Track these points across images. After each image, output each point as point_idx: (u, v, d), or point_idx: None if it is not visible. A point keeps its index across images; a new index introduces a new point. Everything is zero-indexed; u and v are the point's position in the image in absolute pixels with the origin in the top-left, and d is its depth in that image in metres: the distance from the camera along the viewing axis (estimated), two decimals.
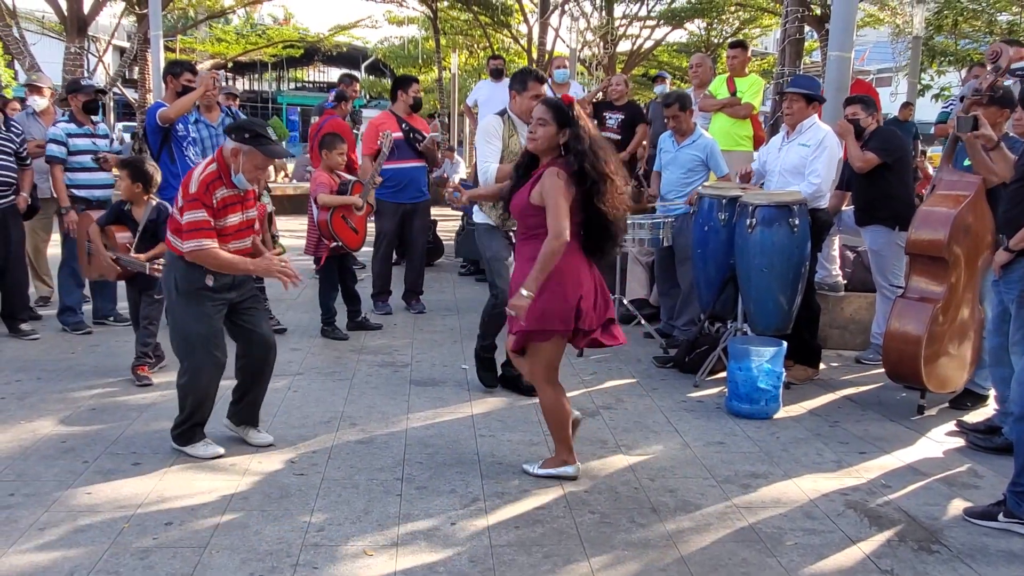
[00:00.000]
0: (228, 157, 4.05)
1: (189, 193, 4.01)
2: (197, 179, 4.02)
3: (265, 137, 4.07)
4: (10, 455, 4.21)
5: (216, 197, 4.02)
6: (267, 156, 4.09)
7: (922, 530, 3.65)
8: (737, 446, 4.58)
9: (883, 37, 24.14)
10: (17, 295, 6.52)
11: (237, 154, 4.03)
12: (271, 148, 4.09)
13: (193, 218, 3.98)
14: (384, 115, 7.55)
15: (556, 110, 3.93)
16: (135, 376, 5.43)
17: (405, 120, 7.34)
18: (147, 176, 5.44)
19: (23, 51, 15.85)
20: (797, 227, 5.21)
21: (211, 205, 4.00)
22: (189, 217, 3.98)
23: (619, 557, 3.36)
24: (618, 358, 6.24)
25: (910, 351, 4.92)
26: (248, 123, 4.21)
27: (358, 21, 26.98)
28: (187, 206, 4.00)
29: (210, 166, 4.07)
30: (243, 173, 4.05)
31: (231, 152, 4.04)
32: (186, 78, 6.52)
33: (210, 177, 4.03)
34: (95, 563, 3.21)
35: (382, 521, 3.60)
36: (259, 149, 4.03)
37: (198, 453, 4.23)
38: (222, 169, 4.05)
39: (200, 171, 4.06)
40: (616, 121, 8.97)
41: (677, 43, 27.92)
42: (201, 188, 3.99)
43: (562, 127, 3.90)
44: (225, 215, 4.08)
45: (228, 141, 4.07)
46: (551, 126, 3.91)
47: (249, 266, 4.15)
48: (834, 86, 6.50)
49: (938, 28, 18.51)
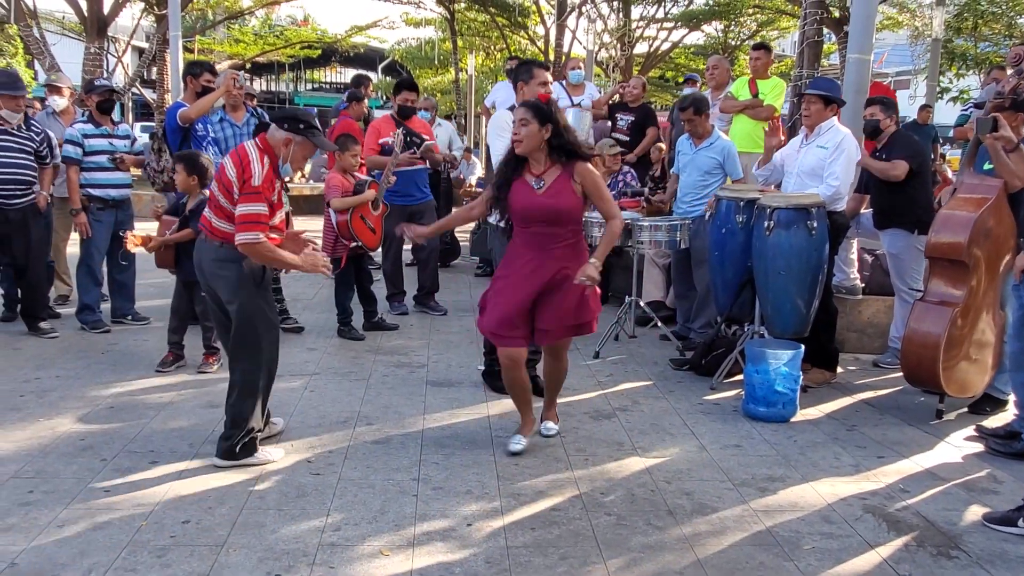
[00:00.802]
0: (278, 147, 4.02)
1: (252, 185, 3.93)
2: (260, 173, 3.95)
3: (317, 128, 4.11)
4: (30, 452, 4.24)
5: (276, 191, 4.02)
6: (317, 147, 4.13)
7: (941, 535, 3.62)
8: (754, 449, 4.56)
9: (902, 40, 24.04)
10: (37, 293, 6.57)
11: (289, 143, 4.02)
12: (322, 140, 4.14)
13: (252, 210, 3.91)
14: (384, 119, 7.54)
15: (535, 109, 4.10)
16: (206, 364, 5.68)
17: (403, 123, 7.27)
18: (203, 169, 5.59)
19: (43, 51, 15.99)
20: (815, 230, 5.18)
21: (271, 200, 3.98)
22: (248, 209, 3.91)
23: (635, 559, 3.35)
24: (634, 360, 6.23)
25: (929, 355, 4.89)
26: (301, 113, 4.19)
27: (375, 22, 27.01)
28: (247, 198, 3.92)
29: (264, 159, 4.00)
30: (291, 163, 4.07)
31: (282, 142, 4.01)
32: (206, 79, 6.55)
33: (271, 171, 4.00)
34: (113, 560, 3.23)
35: (398, 521, 3.61)
36: (312, 140, 4.06)
37: (269, 456, 4.20)
38: (274, 162, 4.02)
39: (258, 165, 3.97)
40: (626, 123, 8.98)
41: (694, 45, 27.87)
42: (266, 182, 3.95)
43: (544, 124, 4.08)
44: (281, 207, 4.10)
45: (277, 131, 4.03)
46: (533, 124, 4.08)
47: (297, 261, 4.12)
48: (853, 88, 6.46)
49: (957, 31, 18.42)
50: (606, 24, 23.20)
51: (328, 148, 4.36)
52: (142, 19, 20.68)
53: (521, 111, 4.13)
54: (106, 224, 6.58)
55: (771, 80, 7.96)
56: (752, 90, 7.86)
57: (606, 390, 5.52)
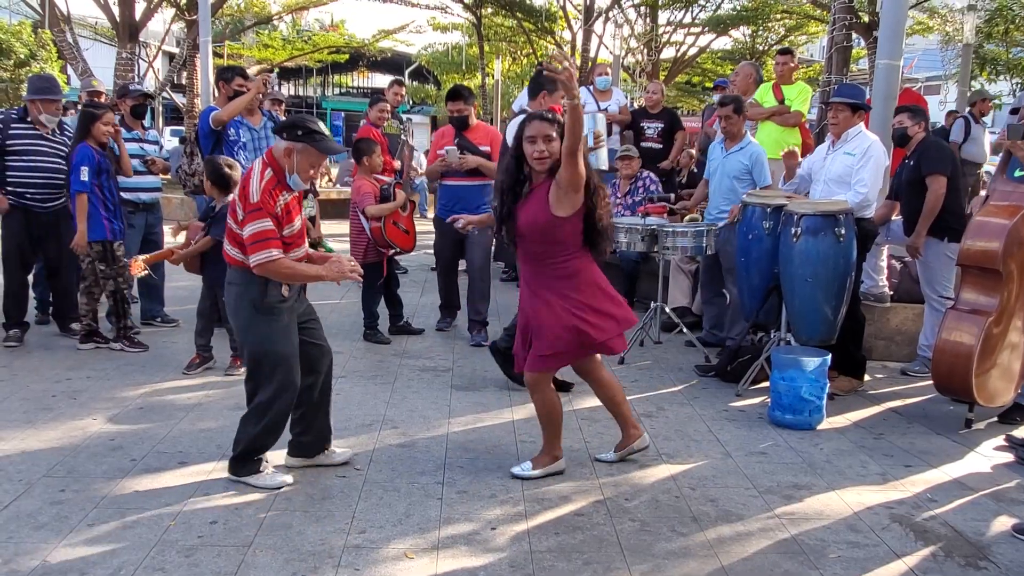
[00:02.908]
0: (281, 158, 3.80)
1: (251, 203, 3.73)
2: (258, 187, 3.73)
3: (319, 132, 3.82)
4: (61, 452, 4.30)
5: (280, 203, 3.77)
6: (322, 152, 3.84)
7: (969, 546, 3.58)
8: (779, 457, 4.54)
9: (932, 45, 23.84)
10: (69, 296, 6.66)
11: (291, 153, 3.78)
12: (326, 144, 3.85)
13: (258, 228, 3.70)
14: (447, 127, 6.99)
15: (559, 124, 3.81)
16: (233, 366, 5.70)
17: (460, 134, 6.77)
18: (222, 177, 5.49)
19: (76, 56, 16.23)
20: (843, 236, 5.15)
21: (276, 213, 3.74)
22: (253, 228, 3.71)
23: (659, 566, 3.34)
24: (659, 366, 6.22)
25: (962, 364, 4.84)
26: (299, 120, 3.90)
27: (403, 26, 27.14)
28: (249, 217, 3.72)
29: (266, 172, 3.78)
30: (298, 173, 3.80)
31: (284, 152, 3.79)
32: (238, 83, 6.59)
33: (271, 183, 3.76)
34: (142, 559, 3.27)
35: (423, 524, 3.62)
36: (314, 146, 3.79)
37: (265, 484, 3.94)
38: (277, 173, 3.79)
39: (258, 179, 3.76)
40: (656, 130, 8.95)
41: (722, 50, 27.77)
42: (265, 195, 3.72)
43: (561, 139, 3.78)
44: (291, 221, 3.85)
45: (279, 141, 3.83)
46: (557, 141, 3.80)
47: (321, 272, 3.89)
48: (882, 94, 6.42)
49: (988, 36, 18.25)
50: (633, 29, 23.20)
51: (334, 152, 3.96)
52: (173, 24, 20.94)
53: (545, 126, 3.82)
54: (137, 228, 6.67)
55: (796, 85, 7.91)
56: (777, 96, 7.83)
57: (631, 396, 5.50)
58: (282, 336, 3.90)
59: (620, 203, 8.11)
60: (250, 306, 3.86)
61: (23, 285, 6.44)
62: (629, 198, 8.07)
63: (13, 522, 3.54)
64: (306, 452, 4.19)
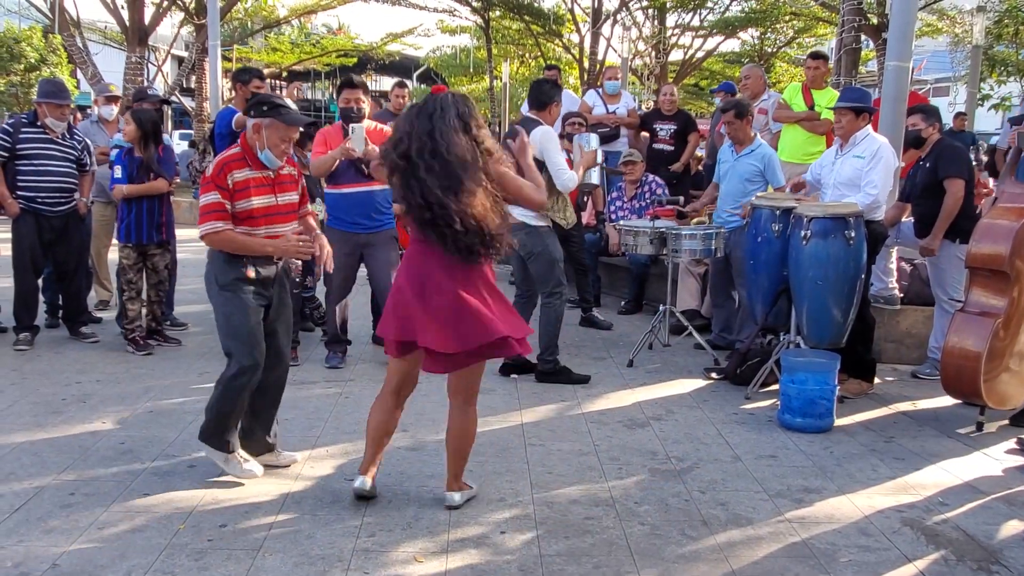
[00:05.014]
0: (251, 136, 3.96)
1: (205, 176, 3.97)
2: (213, 162, 4.00)
3: (284, 107, 3.99)
4: (71, 455, 4.31)
5: (233, 179, 3.90)
6: (289, 125, 3.97)
7: (981, 550, 3.57)
8: (789, 460, 4.52)
9: (941, 46, 23.77)
10: (79, 299, 6.69)
11: (259, 129, 3.94)
12: (291, 116, 3.99)
13: (206, 200, 3.89)
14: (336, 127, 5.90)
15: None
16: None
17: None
18: None
19: (86, 60, 16.29)
20: (853, 239, 5.13)
21: (225, 187, 3.89)
22: (203, 200, 3.91)
23: (669, 570, 3.33)
24: (668, 369, 6.21)
25: (969, 366, 4.82)
26: (263, 97, 4.15)
27: (411, 30, 27.17)
28: (202, 189, 3.96)
29: (232, 149, 4.02)
30: (269, 148, 3.95)
31: (253, 129, 3.96)
32: (255, 84, 6.58)
33: (229, 159, 3.95)
34: (152, 563, 3.27)
35: (432, 528, 3.62)
36: (279, 119, 3.93)
37: (233, 470, 4.06)
38: (245, 150, 3.97)
39: (220, 156, 4.02)
40: (668, 132, 8.94)
41: (730, 53, 27.72)
42: (215, 170, 3.91)
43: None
44: (246, 197, 3.93)
45: (248, 121, 4.00)
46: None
47: (268, 247, 4.00)
48: (892, 96, 6.40)
49: (998, 37, 18.19)
50: (641, 32, 23.19)
51: (300, 123, 4.07)
52: (182, 28, 21.01)
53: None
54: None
55: (827, 91, 7.79)
56: (807, 99, 7.74)
57: (640, 399, 5.50)
58: (239, 311, 3.97)
59: (626, 207, 8.11)
60: (214, 282, 4.00)
61: (33, 289, 6.46)
62: (635, 202, 8.07)
63: (23, 525, 3.55)
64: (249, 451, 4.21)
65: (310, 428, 4.77)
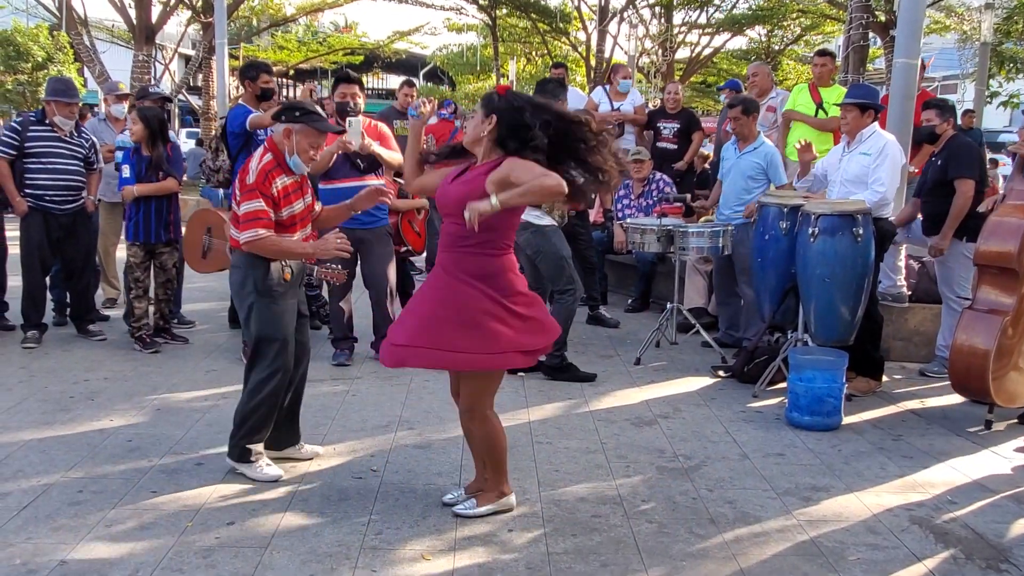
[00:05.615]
0: (280, 141, 3.95)
1: (247, 184, 3.91)
2: (255, 169, 3.92)
3: (316, 113, 4.00)
4: (79, 453, 4.32)
5: (276, 186, 3.91)
6: (320, 132, 4.00)
7: (990, 548, 3.55)
8: (797, 458, 4.51)
9: (949, 43, 23.69)
10: (87, 297, 6.71)
11: (289, 135, 3.93)
12: (324, 123, 4.02)
13: (250, 208, 3.87)
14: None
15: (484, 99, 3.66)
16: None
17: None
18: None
19: (93, 59, 16.33)
20: (861, 236, 5.12)
21: (270, 195, 3.89)
22: (246, 207, 3.88)
23: (677, 568, 3.33)
24: (675, 367, 6.20)
25: (977, 364, 4.81)
26: (296, 103, 4.12)
27: (417, 28, 27.20)
28: (244, 196, 3.91)
29: (265, 156, 3.96)
30: (298, 154, 3.95)
31: (283, 134, 3.94)
32: (264, 80, 6.53)
33: (268, 166, 3.92)
34: (159, 560, 3.28)
35: (439, 526, 3.62)
36: (312, 126, 3.94)
37: (258, 475, 4.02)
38: (277, 156, 3.96)
39: (257, 161, 3.96)
40: (672, 130, 8.93)
41: (737, 50, 27.69)
42: (260, 177, 3.89)
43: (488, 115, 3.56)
44: (289, 203, 3.97)
45: (277, 125, 3.99)
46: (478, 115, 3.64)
47: (308, 249, 4.04)
48: (900, 94, 6.37)
49: (1007, 34, 18.12)
50: (648, 29, 23.17)
51: (330, 130, 4.12)
52: (189, 27, 21.05)
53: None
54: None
55: (834, 88, 7.77)
56: (814, 97, 7.73)
57: (647, 397, 5.49)
58: (281, 319, 4.01)
59: (634, 205, 8.10)
60: (253, 289, 3.97)
61: (41, 287, 6.47)
62: (643, 200, 8.05)
63: (32, 522, 3.56)
64: (275, 445, 4.24)
65: (317, 426, 4.77)
